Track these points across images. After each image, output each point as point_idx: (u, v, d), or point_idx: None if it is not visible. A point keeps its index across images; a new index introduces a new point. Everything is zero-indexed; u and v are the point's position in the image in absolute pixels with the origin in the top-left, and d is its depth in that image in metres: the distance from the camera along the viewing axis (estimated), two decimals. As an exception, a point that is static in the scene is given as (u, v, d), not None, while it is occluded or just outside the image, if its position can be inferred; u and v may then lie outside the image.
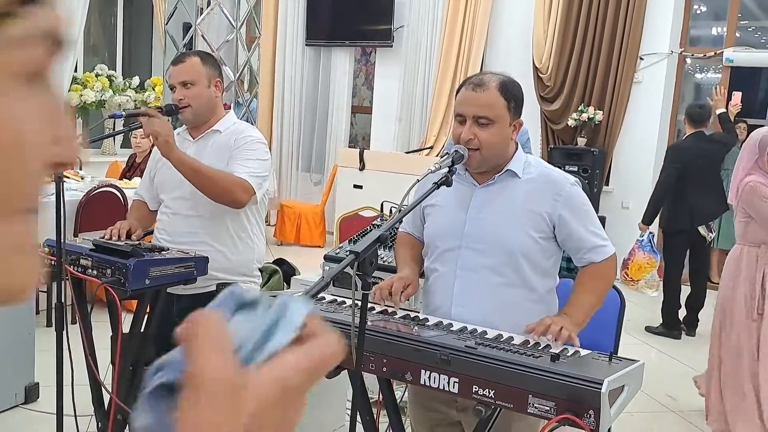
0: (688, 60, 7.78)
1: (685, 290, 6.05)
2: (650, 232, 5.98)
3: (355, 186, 7.88)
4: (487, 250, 2.06)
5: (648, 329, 5.97)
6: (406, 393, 2.34)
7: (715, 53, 7.38)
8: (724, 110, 5.96)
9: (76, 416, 2.43)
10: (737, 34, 7.53)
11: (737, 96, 6.76)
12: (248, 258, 2.77)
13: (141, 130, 5.97)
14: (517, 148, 2.15)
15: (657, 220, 6.02)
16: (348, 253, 1.60)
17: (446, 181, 1.90)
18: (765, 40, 9.61)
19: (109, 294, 2.39)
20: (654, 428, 4.09)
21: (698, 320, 5.94)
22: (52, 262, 2.46)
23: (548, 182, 2.09)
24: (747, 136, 7.97)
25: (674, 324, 5.93)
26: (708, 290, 6.03)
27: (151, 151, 3.04)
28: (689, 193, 5.76)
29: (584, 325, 1.99)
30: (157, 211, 2.84)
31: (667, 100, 7.49)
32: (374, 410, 2.09)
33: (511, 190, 2.09)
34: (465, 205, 2.12)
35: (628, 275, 6.13)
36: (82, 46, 8.27)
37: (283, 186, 9.16)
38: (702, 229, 5.75)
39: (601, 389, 1.48)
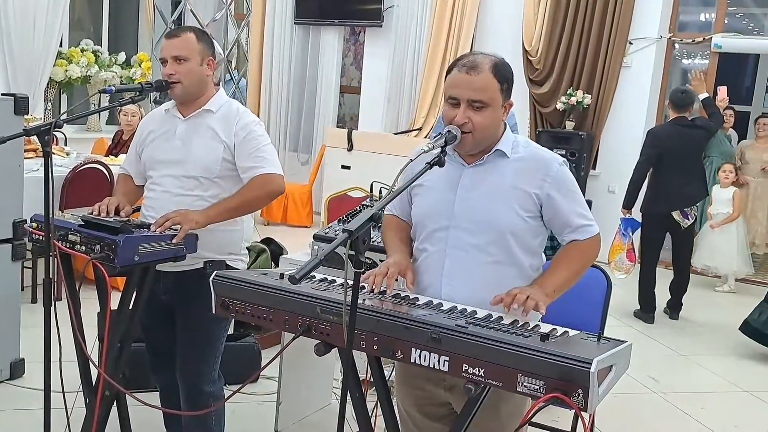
0: (677, 45, 7.79)
1: (669, 275, 6.10)
2: (629, 217, 6.02)
3: (343, 167, 7.85)
4: (476, 230, 2.07)
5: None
6: (393, 373, 2.36)
7: (704, 39, 7.40)
8: (707, 95, 5.95)
9: (63, 392, 2.42)
10: (726, 20, 7.56)
11: (723, 91, 6.79)
12: (236, 236, 2.76)
13: (130, 106, 5.98)
14: (505, 128, 2.15)
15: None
16: (342, 231, 1.61)
17: (439, 162, 1.90)
18: (753, 26, 9.65)
19: (97, 270, 2.37)
20: (637, 409, 4.14)
21: (681, 304, 5.97)
22: (40, 238, 2.45)
23: (537, 162, 2.10)
24: (735, 122, 8.01)
25: (647, 307, 5.94)
26: (692, 274, 6.08)
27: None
28: (666, 177, 5.76)
29: (555, 298, 2.00)
30: (142, 186, 2.82)
31: (655, 85, 7.51)
32: (363, 389, 2.11)
33: (500, 170, 2.10)
34: (454, 185, 2.12)
35: (608, 257, 6.24)
36: (67, 21, 8.15)
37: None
38: (676, 215, 5.75)
39: (590, 368, 1.50)
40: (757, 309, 5.25)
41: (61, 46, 8.06)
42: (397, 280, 2.06)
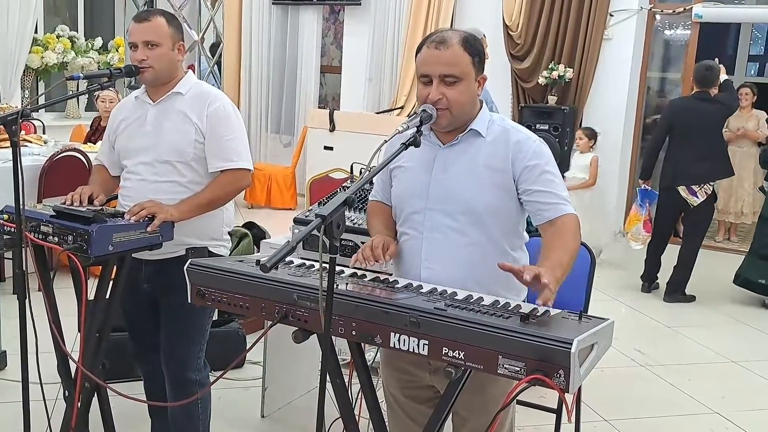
0: (658, 16, 7.75)
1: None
2: (644, 187, 5.99)
3: (326, 147, 7.81)
4: (452, 211, 2.03)
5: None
6: (379, 354, 2.33)
7: (685, 9, 7.37)
8: (726, 77, 5.78)
9: (41, 385, 2.39)
10: (706, -10, 7.52)
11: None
12: (217, 221, 2.72)
13: (108, 92, 5.88)
14: (481, 107, 2.11)
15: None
16: (315, 216, 1.57)
17: (414, 142, 1.86)
18: (734, -5, 9.61)
19: (72, 262, 2.33)
20: (623, 383, 4.15)
21: (677, 287, 5.77)
22: (12, 230, 2.40)
23: (513, 140, 2.05)
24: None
25: (644, 276, 5.98)
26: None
27: None
28: (674, 151, 5.69)
29: (561, 283, 1.94)
30: (118, 177, 2.77)
31: (636, 57, 7.48)
32: (346, 372, 2.08)
33: (474, 150, 2.06)
34: (429, 166, 2.09)
35: (624, 227, 6.33)
36: (42, 7, 8.00)
37: (252, 148, 9.00)
38: (682, 191, 5.63)
39: (570, 349, 1.47)
40: (745, 261, 5.81)
41: (36, 32, 7.92)
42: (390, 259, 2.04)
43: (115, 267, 2.49)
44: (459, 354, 1.60)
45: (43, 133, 6.81)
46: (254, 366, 3.85)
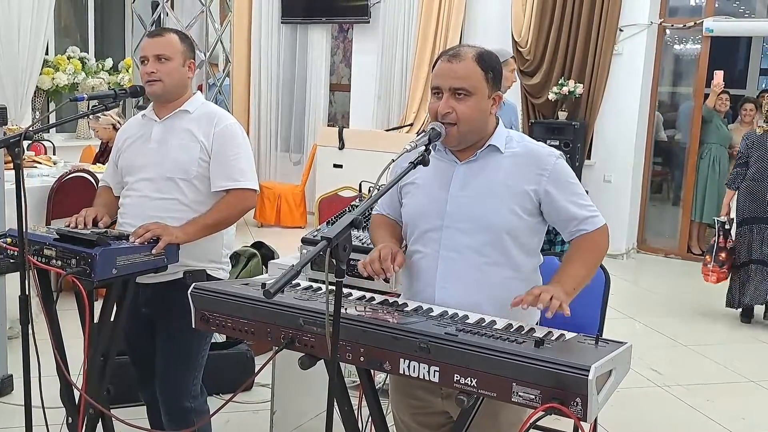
0: (668, 31, 7.71)
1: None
2: None
3: (335, 165, 7.80)
4: (471, 230, 1.98)
5: None
6: (389, 377, 2.27)
7: (695, 23, 7.32)
8: None
9: (44, 411, 2.34)
10: (716, 4, 7.47)
11: (719, 75, 6.69)
12: (217, 244, 2.67)
13: (107, 118, 5.86)
14: (498, 123, 2.06)
15: None
16: (321, 238, 1.52)
17: (423, 160, 1.82)
18: (744, 8, 9.56)
19: (76, 285, 2.29)
20: (640, 404, 4.06)
21: None
22: (15, 253, 2.36)
23: (533, 157, 2.01)
24: (730, 106, 7.95)
25: None
26: (691, 261, 5.92)
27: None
28: None
29: (575, 295, 1.91)
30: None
31: (647, 72, 7.42)
32: (355, 394, 2.03)
33: (494, 166, 2.01)
34: (446, 183, 2.03)
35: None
36: (52, 28, 8.04)
37: (262, 167, 9.03)
38: None
39: (587, 376, 1.41)
40: None
41: (47, 53, 7.95)
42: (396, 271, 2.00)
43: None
44: (471, 381, 1.54)
45: (53, 154, 6.81)
46: (263, 389, 3.78)
